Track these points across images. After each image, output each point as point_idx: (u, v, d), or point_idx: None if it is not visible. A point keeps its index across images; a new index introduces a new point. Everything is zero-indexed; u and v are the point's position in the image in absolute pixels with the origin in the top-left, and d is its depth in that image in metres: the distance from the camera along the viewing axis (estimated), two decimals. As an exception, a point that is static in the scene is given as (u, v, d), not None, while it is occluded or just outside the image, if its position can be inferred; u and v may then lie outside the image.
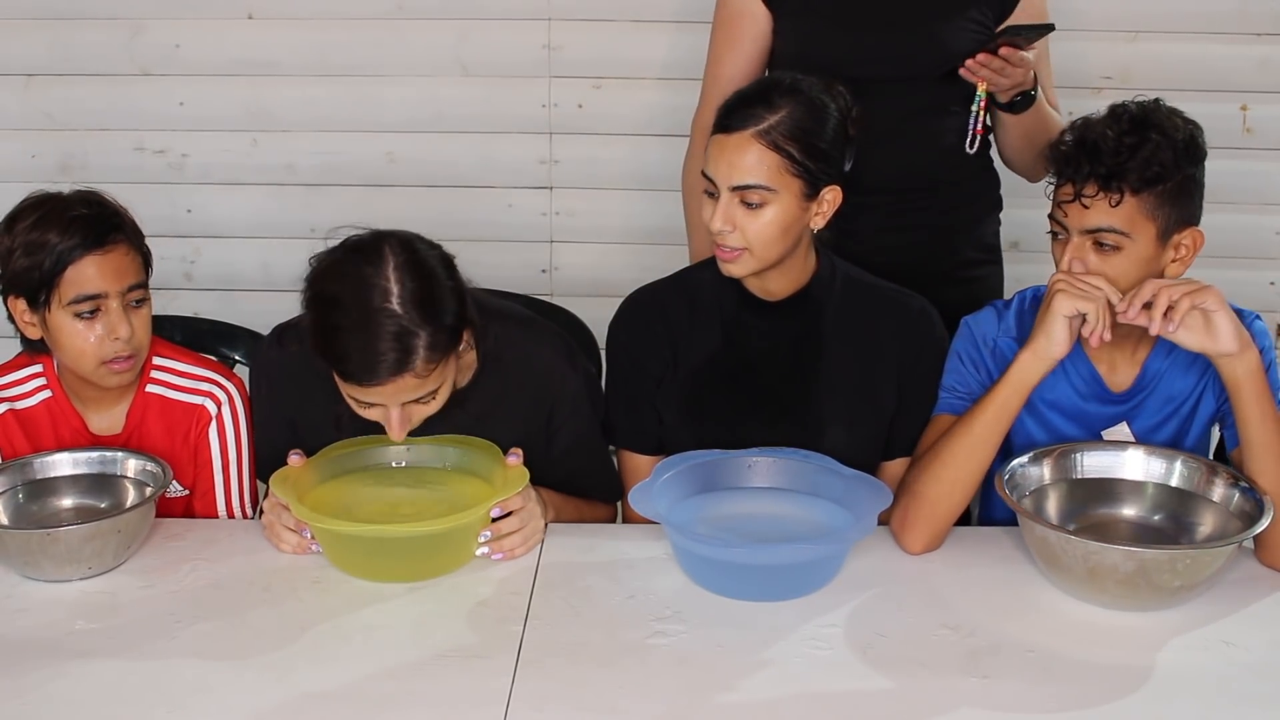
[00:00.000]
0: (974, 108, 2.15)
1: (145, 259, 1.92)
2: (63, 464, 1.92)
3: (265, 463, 1.99)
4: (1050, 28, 2.05)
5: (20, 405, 1.97)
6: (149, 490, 1.86)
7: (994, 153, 2.33)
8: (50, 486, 1.91)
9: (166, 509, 1.98)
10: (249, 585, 1.77)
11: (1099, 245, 1.79)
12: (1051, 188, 1.85)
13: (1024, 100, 2.13)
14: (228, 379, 2.03)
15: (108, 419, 1.98)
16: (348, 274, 1.72)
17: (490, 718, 1.49)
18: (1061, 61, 3.11)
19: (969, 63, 2.03)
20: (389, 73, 3.23)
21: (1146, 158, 1.76)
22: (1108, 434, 1.95)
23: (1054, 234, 1.85)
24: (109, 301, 1.85)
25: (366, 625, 1.67)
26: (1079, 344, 1.86)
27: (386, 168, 3.23)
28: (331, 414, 1.86)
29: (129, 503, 1.88)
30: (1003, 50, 2.00)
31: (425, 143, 3.23)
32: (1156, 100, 1.84)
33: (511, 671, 1.57)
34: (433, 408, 1.80)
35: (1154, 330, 1.75)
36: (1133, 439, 1.93)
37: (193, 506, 2.02)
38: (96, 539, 1.76)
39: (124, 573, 1.80)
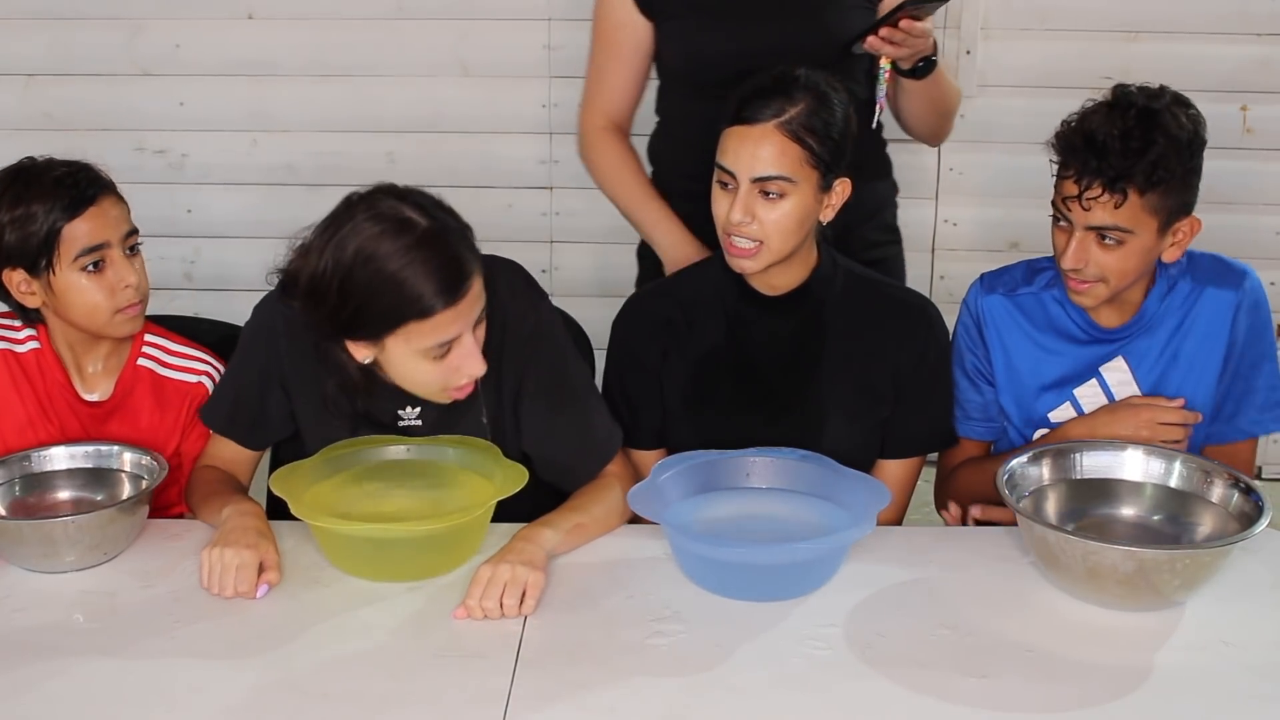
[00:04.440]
0: (880, 82, 2.13)
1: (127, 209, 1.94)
2: (59, 458, 1.94)
3: (232, 418, 1.96)
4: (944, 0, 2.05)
5: (18, 349, 1.98)
6: (144, 483, 1.88)
7: (886, 135, 2.29)
8: (46, 480, 1.93)
9: (162, 495, 1.99)
10: (248, 585, 1.77)
11: (1101, 239, 1.81)
12: (1054, 176, 1.87)
13: (926, 65, 2.13)
14: (218, 360, 2.05)
15: (98, 386, 2.00)
16: (361, 231, 1.66)
17: (490, 718, 1.49)
18: (1062, 61, 3.12)
19: (871, 39, 2.03)
20: (389, 73, 3.23)
21: (1153, 161, 1.76)
22: (1105, 369, 1.98)
23: (1056, 219, 1.88)
24: (112, 251, 1.88)
25: (366, 625, 1.67)
26: (1064, 292, 1.94)
27: (386, 168, 3.23)
28: (320, 387, 1.85)
29: (124, 495, 1.90)
30: (903, 23, 2.01)
31: (425, 143, 3.23)
32: (1162, 88, 1.83)
33: (511, 671, 1.57)
34: (483, 330, 1.78)
35: None
36: (1130, 375, 1.97)
37: (180, 477, 2.01)
38: (93, 530, 1.77)
39: (123, 572, 1.80)
